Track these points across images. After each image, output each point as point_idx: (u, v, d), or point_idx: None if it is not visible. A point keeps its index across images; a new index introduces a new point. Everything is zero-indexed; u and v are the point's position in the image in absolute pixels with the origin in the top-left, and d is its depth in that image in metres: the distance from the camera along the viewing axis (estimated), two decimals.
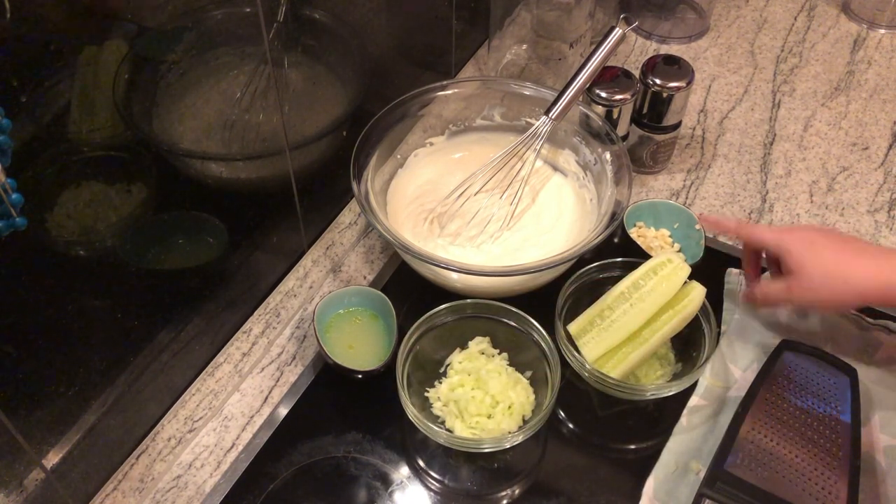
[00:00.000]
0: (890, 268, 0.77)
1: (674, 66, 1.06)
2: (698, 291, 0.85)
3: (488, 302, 0.89)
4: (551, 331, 0.86)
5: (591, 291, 0.92)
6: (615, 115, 1.05)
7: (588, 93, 1.04)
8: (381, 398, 0.87)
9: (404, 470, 0.84)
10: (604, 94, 1.04)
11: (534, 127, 0.99)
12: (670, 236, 1.02)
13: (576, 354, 0.85)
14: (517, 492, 0.83)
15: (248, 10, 0.79)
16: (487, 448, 0.82)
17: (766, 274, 0.91)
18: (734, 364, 0.89)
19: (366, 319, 0.93)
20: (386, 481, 0.83)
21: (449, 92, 1.05)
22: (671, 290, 0.85)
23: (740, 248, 1.03)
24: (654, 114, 1.07)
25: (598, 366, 0.84)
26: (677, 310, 0.85)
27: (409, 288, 0.98)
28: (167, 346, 0.85)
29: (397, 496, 0.82)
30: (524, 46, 1.22)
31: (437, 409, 0.86)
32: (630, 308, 0.85)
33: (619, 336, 0.85)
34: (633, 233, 1.01)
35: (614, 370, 0.84)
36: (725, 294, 0.95)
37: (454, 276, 0.91)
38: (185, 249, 0.85)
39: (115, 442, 0.83)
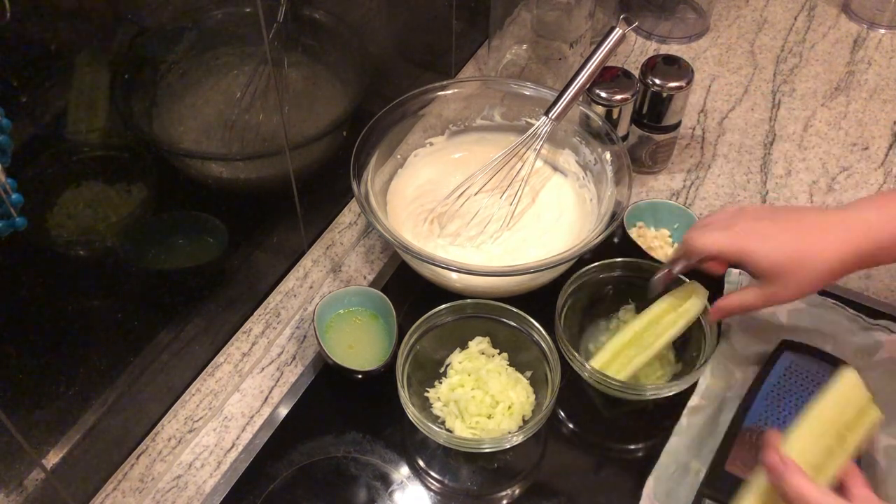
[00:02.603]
0: (849, 239, 0.70)
1: (674, 66, 1.06)
2: (700, 294, 0.85)
3: (488, 302, 0.89)
4: (551, 331, 0.86)
5: (591, 291, 0.92)
6: (615, 115, 1.05)
7: (588, 93, 1.04)
8: (381, 398, 0.87)
9: (404, 470, 0.84)
10: (604, 94, 1.04)
11: (534, 127, 0.99)
12: (670, 236, 1.02)
13: (576, 354, 0.85)
14: (517, 492, 0.83)
15: (248, 10, 0.79)
16: (487, 448, 0.82)
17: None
18: (734, 364, 0.88)
19: (366, 319, 0.93)
20: (386, 481, 0.83)
21: (449, 92, 1.05)
22: (674, 304, 0.86)
23: None
24: (653, 114, 1.07)
25: (603, 368, 0.84)
26: (680, 313, 0.85)
27: (409, 288, 0.98)
28: (167, 346, 0.85)
29: (397, 496, 0.82)
30: (524, 46, 1.22)
31: (437, 409, 0.86)
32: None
33: (623, 338, 0.85)
34: (633, 233, 1.01)
35: (619, 374, 0.84)
36: (725, 294, 0.95)
37: (454, 276, 0.92)
38: (185, 249, 0.85)
39: (115, 442, 0.83)
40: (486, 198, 1.00)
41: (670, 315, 0.85)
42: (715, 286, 0.95)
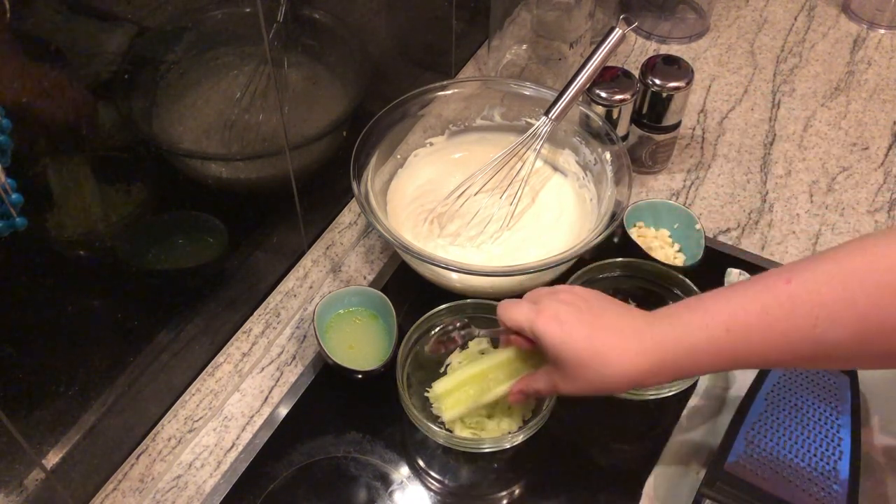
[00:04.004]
0: (641, 350, 0.65)
1: (673, 66, 1.06)
2: None
3: (488, 302, 0.89)
4: None
5: None
6: (615, 115, 1.05)
7: (588, 93, 1.04)
8: (381, 398, 0.87)
9: (404, 470, 0.84)
10: (604, 94, 1.04)
11: (534, 127, 0.99)
12: (670, 236, 1.02)
13: None
14: (517, 492, 0.83)
15: (248, 10, 0.79)
16: (487, 448, 0.82)
17: None
18: None
19: (366, 319, 0.93)
20: (386, 481, 0.83)
21: (449, 92, 1.05)
22: (531, 352, 0.78)
23: (741, 247, 1.03)
24: (653, 114, 1.07)
25: (442, 396, 0.79)
26: (530, 366, 0.77)
27: (409, 288, 0.98)
28: (167, 346, 0.85)
29: (397, 496, 0.82)
30: (524, 46, 1.22)
31: (437, 409, 0.85)
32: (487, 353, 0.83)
33: (471, 371, 0.79)
34: (633, 233, 1.01)
35: (451, 409, 0.79)
36: None
37: (454, 276, 0.92)
38: (185, 249, 0.85)
39: (115, 442, 0.83)
40: (486, 198, 1.00)
41: (518, 364, 0.78)
42: (712, 286, 0.95)
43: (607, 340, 0.66)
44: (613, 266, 0.92)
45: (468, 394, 0.79)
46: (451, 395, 0.80)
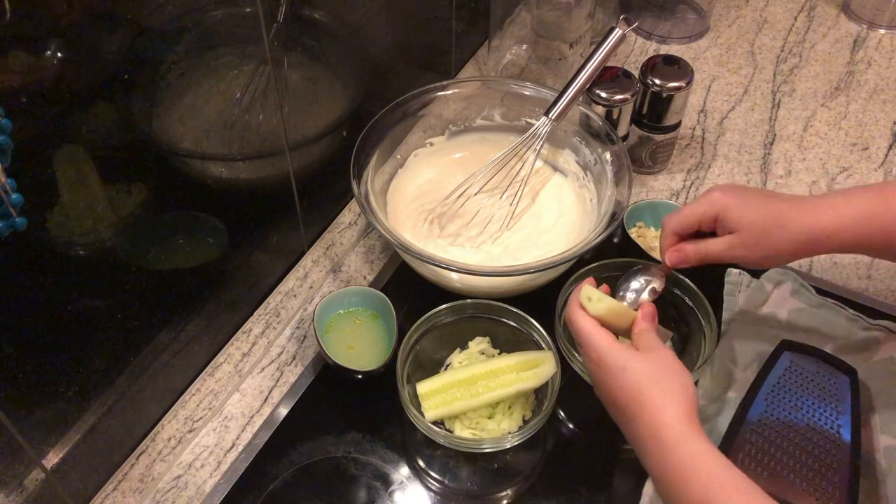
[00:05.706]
0: (827, 214, 0.74)
1: (673, 67, 1.06)
2: (550, 366, 0.82)
3: (488, 302, 0.89)
4: (551, 331, 0.86)
5: None
6: (615, 115, 1.05)
7: (588, 93, 1.04)
8: (381, 398, 0.87)
9: (404, 470, 0.84)
10: (604, 95, 1.04)
11: (534, 127, 0.99)
12: None
13: (576, 354, 0.85)
14: (517, 492, 0.83)
15: (248, 10, 0.79)
16: (487, 448, 0.82)
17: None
18: (734, 364, 0.88)
19: (366, 319, 0.93)
20: (386, 481, 0.83)
21: (449, 92, 1.05)
22: (523, 364, 0.83)
23: None
24: (653, 114, 1.07)
25: (426, 396, 0.82)
26: (521, 377, 0.82)
27: (409, 288, 0.98)
28: (167, 347, 0.85)
29: (397, 496, 0.82)
30: (524, 46, 1.22)
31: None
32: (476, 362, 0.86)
33: (457, 376, 0.83)
34: (633, 233, 1.01)
35: (431, 410, 0.81)
36: (725, 294, 0.95)
37: (454, 276, 0.92)
38: (185, 249, 0.85)
39: (115, 442, 0.83)
40: (487, 198, 1.00)
41: (510, 375, 0.82)
42: (712, 286, 0.95)
43: (786, 208, 0.75)
44: (613, 266, 0.92)
45: (454, 396, 0.82)
46: (434, 396, 0.82)
